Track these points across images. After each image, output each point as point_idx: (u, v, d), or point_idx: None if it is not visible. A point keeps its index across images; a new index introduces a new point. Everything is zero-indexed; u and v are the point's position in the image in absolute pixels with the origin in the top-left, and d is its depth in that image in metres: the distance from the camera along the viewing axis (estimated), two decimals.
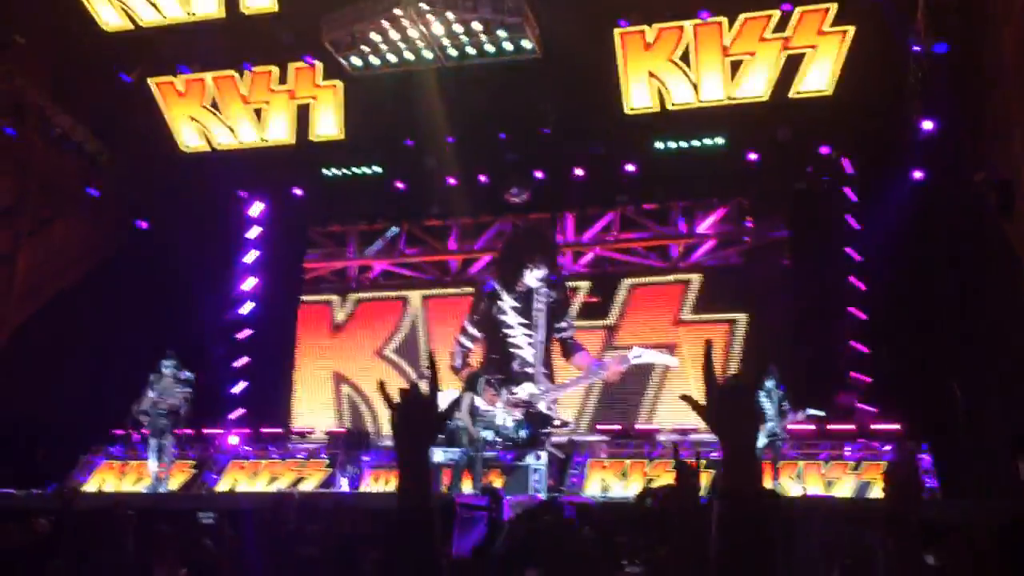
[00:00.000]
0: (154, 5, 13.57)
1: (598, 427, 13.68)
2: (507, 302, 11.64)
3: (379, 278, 16.86)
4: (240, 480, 13.51)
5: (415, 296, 16.29)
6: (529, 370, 11.53)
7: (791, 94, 12.51)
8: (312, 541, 6.69)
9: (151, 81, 14.73)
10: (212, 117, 14.84)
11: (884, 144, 12.84)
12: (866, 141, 12.99)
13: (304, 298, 16.47)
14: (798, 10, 12.28)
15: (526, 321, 11.60)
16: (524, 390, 11.54)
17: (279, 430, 14.98)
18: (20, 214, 14.38)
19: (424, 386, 2.41)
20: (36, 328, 14.38)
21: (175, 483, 12.77)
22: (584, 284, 15.37)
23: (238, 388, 15.66)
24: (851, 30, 12.12)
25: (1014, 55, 10.25)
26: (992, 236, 10.80)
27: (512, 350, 11.62)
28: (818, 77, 12.38)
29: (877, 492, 11.07)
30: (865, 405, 12.51)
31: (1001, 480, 9.50)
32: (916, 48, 11.43)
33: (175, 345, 12.74)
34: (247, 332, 16.06)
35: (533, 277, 11.49)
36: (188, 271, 15.61)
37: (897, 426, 11.94)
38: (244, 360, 15.86)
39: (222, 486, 13.35)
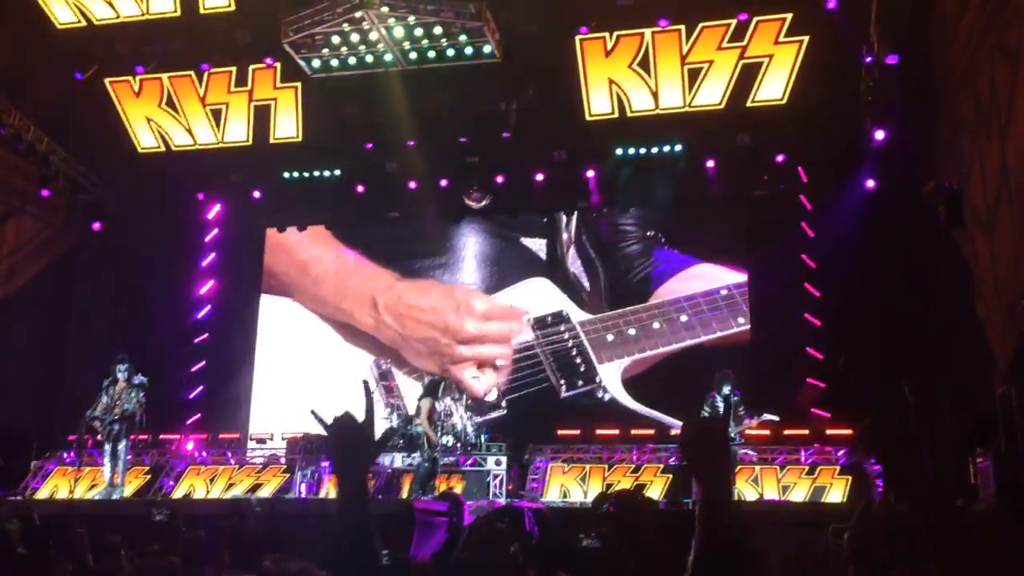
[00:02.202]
0: (109, 3, 13.40)
1: (559, 432, 13.74)
2: None
3: None
4: (197, 486, 13.34)
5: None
6: None
7: (748, 103, 12.72)
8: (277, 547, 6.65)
9: (107, 81, 14.50)
10: (169, 118, 14.66)
11: (838, 153, 13.09)
12: (820, 150, 13.23)
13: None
14: (754, 20, 12.50)
15: None
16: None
17: (236, 435, 14.82)
18: None
19: (359, 414, 2.44)
20: None
21: (130, 489, 12.57)
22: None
23: (195, 393, 15.44)
24: (805, 40, 12.37)
25: (963, 65, 10.54)
26: (942, 244, 11.08)
27: None
28: (773, 86, 12.61)
29: (832, 496, 11.29)
30: (819, 411, 12.73)
31: (953, 479, 9.75)
32: (868, 59, 11.67)
33: (130, 349, 12.57)
34: (204, 336, 15.85)
35: None
36: (144, 274, 15.42)
37: (850, 431, 12.17)
38: (201, 364, 15.65)
39: (178, 492, 13.17)
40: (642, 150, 14.03)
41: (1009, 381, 9.36)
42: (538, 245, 15.34)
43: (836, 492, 11.35)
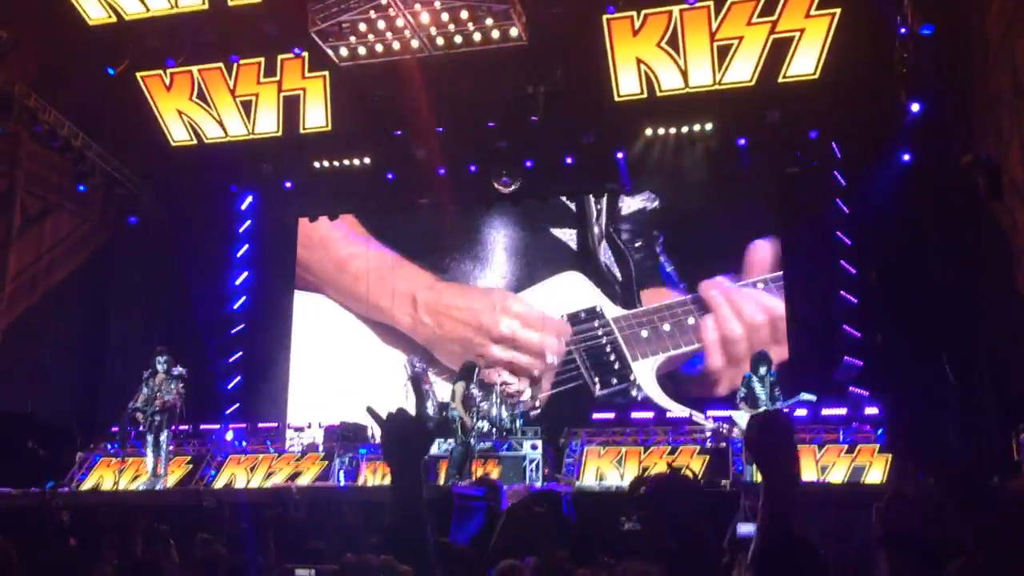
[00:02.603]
0: None
1: (594, 416, 13.72)
2: None
3: None
4: (237, 475, 13.52)
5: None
6: None
7: (779, 79, 12.54)
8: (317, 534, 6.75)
9: (138, 75, 14.65)
10: (200, 110, 14.79)
11: (872, 127, 12.87)
12: (854, 125, 13.01)
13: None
14: None
15: None
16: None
17: (275, 424, 15.00)
18: (8, 211, 14.30)
19: (411, 407, 2.48)
20: (28, 325, 14.33)
21: (172, 479, 12.78)
22: None
23: (233, 383, 15.65)
24: (837, 13, 12.14)
25: (999, 35, 10.29)
26: (981, 216, 10.86)
27: None
28: (805, 61, 12.41)
29: (872, 476, 11.17)
30: (857, 388, 12.58)
31: (995, 455, 9.61)
32: (902, 30, 11.43)
33: (169, 340, 12.75)
34: (241, 326, 16.04)
35: None
36: (180, 266, 15.61)
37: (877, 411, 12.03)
38: (239, 355, 15.84)
39: (220, 481, 13.37)
40: (672, 130, 13.90)
41: None
42: (568, 236, 15.23)
43: (876, 471, 11.22)
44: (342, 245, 16.32)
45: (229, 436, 14.40)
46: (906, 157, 12.63)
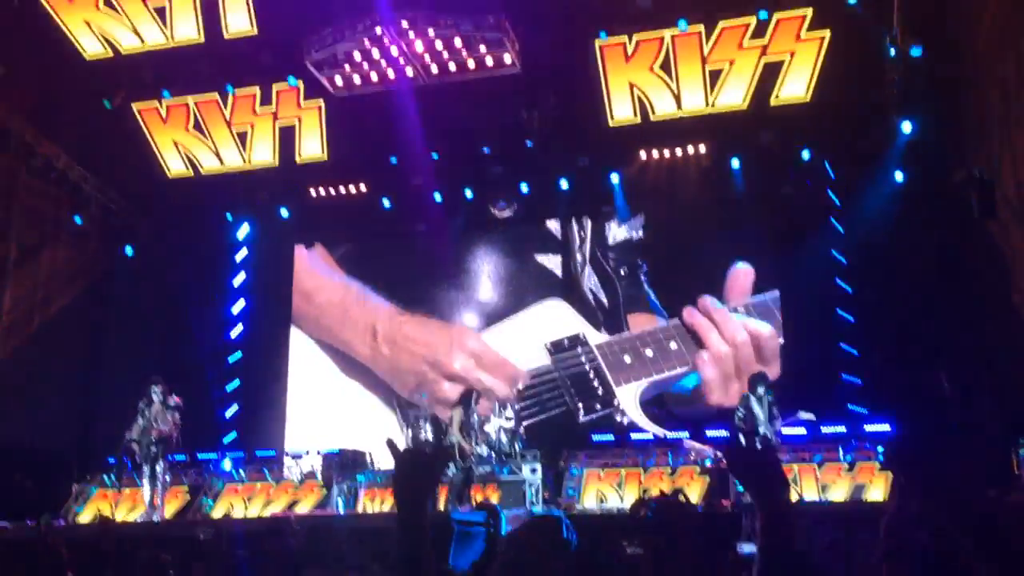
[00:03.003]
0: (135, 32, 13.62)
1: (593, 437, 13.68)
2: None
3: None
4: (235, 504, 13.45)
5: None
6: None
7: (771, 101, 12.64)
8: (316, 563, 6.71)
9: (134, 106, 14.74)
10: (197, 141, 14.88)
11: (865, 147, 12.95)
12: (847, 145, 13.10)
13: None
14: (775, 17, 12.42)
15: None
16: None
17: (273, 453, 14.93)
18: (5, 243, 14.33)
19: (426, 445, 2.50)
20: (25, 358, 14.30)
21: (170, 510, 12.69)
22: None
23: (231, 412, 15.59)
24: (827, 35, 12.27)
25: (988, 55, 10.41)
26: (975, 234, 10.92)
27: None
28: (796, 84, 12.53)
29: (873, 494, 11.13)
30: (856, 406, 12.57)
31: (996, 470, 9.58)
32: (892, 51, 11.55)
33: (166, 370, 12.72)
34: (238, 355, 16.00)
35: None
36: (176, 296, 15.60)
37: (887, 426, 12.02)
38: (236, 383, 15.80)
39: (217, 511, 13.28)
40: (667, 153, 13.99)
41: None
42: (553, 263, 15.12)
43: (877, 489, 11.18)
44: (308, 277, 16.22)
45: (227, 465, 14.33)
46: (899, 176, 12.71)
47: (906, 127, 12.22)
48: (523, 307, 15.04)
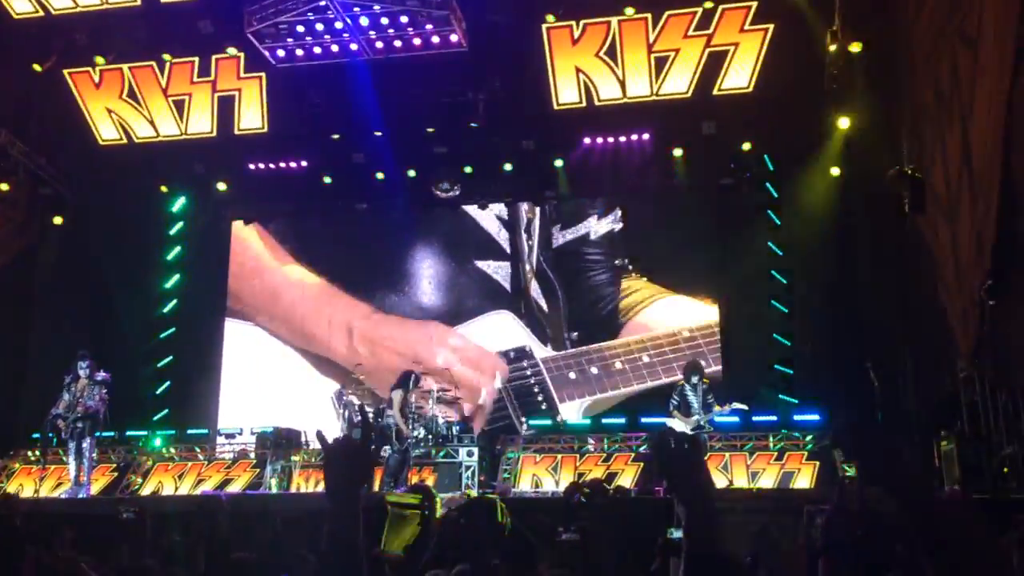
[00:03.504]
0: None
1: (529, 423, 13.76)
2: None
3: None
4: (165, 483, 13.21)
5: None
6: None
7: (714, 91, 12.78)
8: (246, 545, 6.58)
9: (66, 72, 14.25)
10: (131, 109, 14.45)
11: (803, 140, 13.19)
12: (786, 137, 13.32)
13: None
14: (720, 8, 12.54)
15: None
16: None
17: (205, 431, 14.68)
18: None
19: (356, 433, 2.47)
20: None
21: (96, 487, 12.41)
22: None
23: (162, 388, 15.26)
24: (771, 28, 12.44)
25: (924, 51, 10.65)
26: (906, 230, 11.22)
27: None
28: (739, 75, 12.68)
29: (800, 482, 11.42)
30: (787, 396, 12.87)
31: (918, 461, 9.89)
32: (832, 47, 11.75)
33: (96, 345, 12.38)
34: (171, 331, 15.66)
35: None
36: (108, 268, 15.16)
37: (816, 416, 12.33)
38: (168, 360, 15.46)
39: (146, 489, 13.03)
40: (610, 139, 14.05)
41: (971, 365, 9.53)
42: (502, 274, 15.03)
43: (804, 478, 11.49)
44: (275, 274, 15.95)
45: (157, 443, 14.05)
46: (835, 170, 12.98)
47: (843, 122, 12.47)
48: (467, 317, 14.97)
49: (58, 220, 15.47)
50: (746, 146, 13.67)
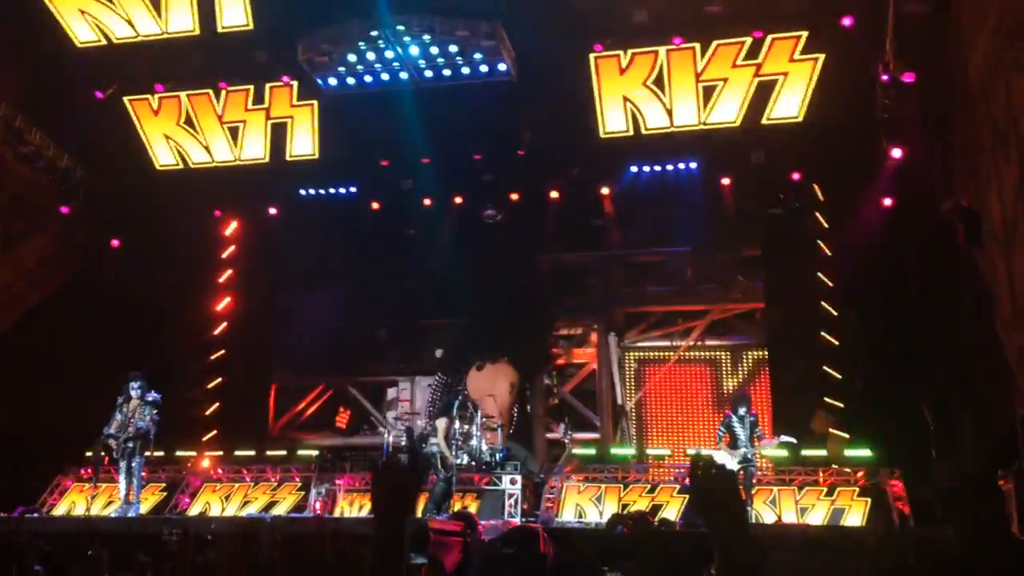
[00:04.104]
0: (128, 22, 13.53)
1: (574, 451, 13.68)
2: None
3: None
4: (212, 503, 13.36)
5: None
6: None
7: (763, 120, 12.69)
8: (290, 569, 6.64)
9: (126, 99, 14.65)
10: (187, 135, 14.79)
11: (854, 171, 13.02)
12: (837, 168, 13.16)
13: None
14: (769, 38, 12.48)
15: None
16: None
17: (252, 452, 14.83)
18: None
19: (404, 457, 2.46)
20: (5, 348, 14.14)
21: (146, 506, 12.59)
22: None
23: (211, 410, 15.47)
24: (821, 58, 12.34)
25: (980, 85, 10.46)
26: (961, 262, 10.98)
27: None
28: (789, 104, 12.59)
29: (851, 519, 11.16)
30: (838, 431, 12.60)
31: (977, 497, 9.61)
32: (885, 77, 11.62)
33: (148, 365, 12.60)
34: (221, 352, 15.89)
35: None
36: (161, 290, 15.47)
37: (868, 451, 12.05)
38: (218, 381, 15.68)
39: (194, 509, 13.19)
40: (657, 167, 14.02)
41: None
42: None
43: (855, 515, 11.22)
44: None
45: (205, 463, 14.24)
46: (887, 201, 12.78)
47: (896, 153, 12.29)
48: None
49: (115, 242, 15.86)
50: (795, 175, 13.54)
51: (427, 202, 15.03)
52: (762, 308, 14.34)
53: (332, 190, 15.37)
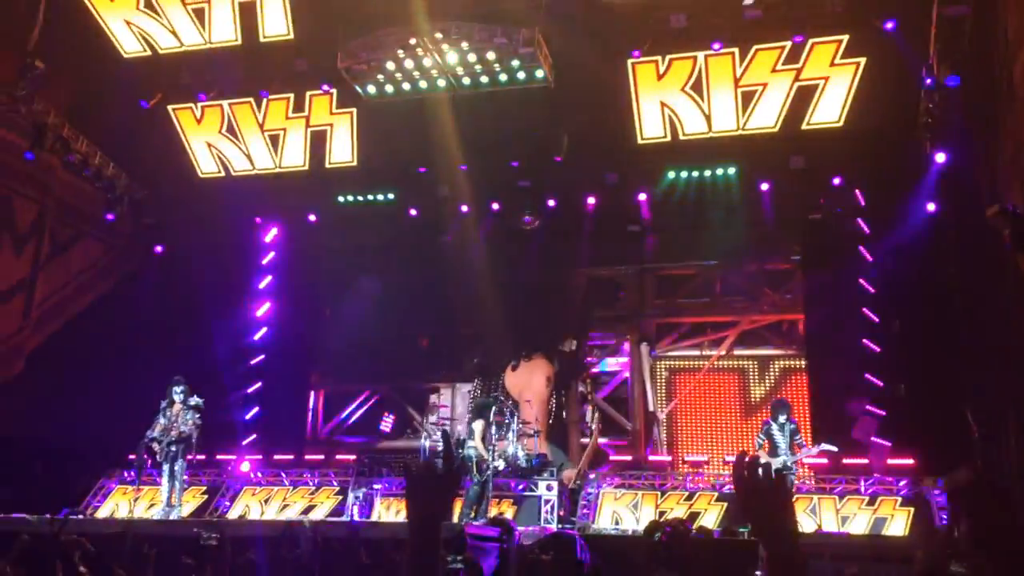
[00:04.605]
0: (172, 32, 13.78)
1: (611, 458, 13.63)
2: None
3: None
4: (252, 506, 13.51)
5: None
6: None
7: (803, 126, 12.56)
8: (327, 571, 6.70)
9: (170, 108, 14.92)
10: (229, 143, 15.02)
11: (896, 176, 12.84)
12: (878, 173, 12.99)
13: None
14: (810, 41, 12.35)
15: None
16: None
17: (291, 456, 14.99)
18: (39, 237, 14.53)
19: (439, 461, 2.45)
20: (52, 352, 14.48)
21: (187, 509, 12.78)
22: None
23: (251, 414, 15.68)
24: (862, 62, 12.18)
25: None
26: (1006, 268, 10.76)
27: None
28: (829, 108, 12.43)
29: (893, 528, 10.98)
30: (879, 439, 12.41)
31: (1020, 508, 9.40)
32: (928, 80, 11.45)
33: (190, 370, 12.81)
34: (261, 358, 16.10)
35: None
36: (203, 296, 15.71)
37: (911, 460, 11.86)
38: (257, 386, 15.89)
39: (234, 512, 13.35)
40: (695, 173, 13.94)
41: None
42: None
43: (898, 524, 11.04)
44: None
45: (245, 467, 14.41)
46: (931, 206, 12.58)
47: (939, 157, 12.10)
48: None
49: (158, 248, 16.15)
50: (836, 180, 13.38)
51: (464, 208, 15.09)
52: (790, 320, 14.24)
53: (370, 196, 15.50)
